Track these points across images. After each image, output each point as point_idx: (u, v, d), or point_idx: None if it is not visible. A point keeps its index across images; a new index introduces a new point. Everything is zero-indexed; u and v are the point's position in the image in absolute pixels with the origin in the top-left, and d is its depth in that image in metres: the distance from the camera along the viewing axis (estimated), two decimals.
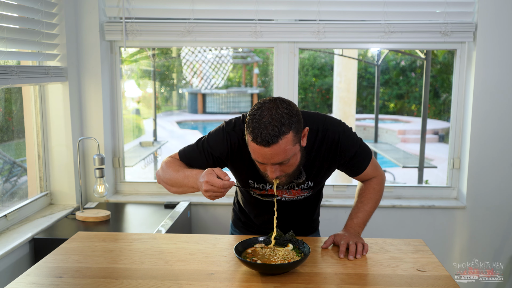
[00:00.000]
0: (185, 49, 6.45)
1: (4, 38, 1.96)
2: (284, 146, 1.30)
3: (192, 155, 1.56)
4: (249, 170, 1.52)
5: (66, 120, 2.42)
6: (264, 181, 1.53)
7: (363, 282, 1.31)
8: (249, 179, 1.56)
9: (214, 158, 1.54)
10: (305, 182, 1.56)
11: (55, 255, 1.50)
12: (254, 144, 1.31)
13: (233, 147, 1.52)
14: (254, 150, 1.33)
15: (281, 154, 1.31)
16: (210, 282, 1.30)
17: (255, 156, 1.35)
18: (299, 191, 1.58)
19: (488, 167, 2.54)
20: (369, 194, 1.63)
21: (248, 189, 1.59)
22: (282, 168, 1.37)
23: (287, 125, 1.30)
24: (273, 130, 1.28)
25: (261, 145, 1.29)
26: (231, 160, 1.54)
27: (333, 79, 6.60)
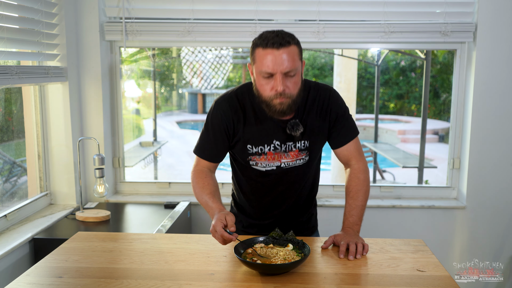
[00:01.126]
0: (185, 49, 6.44)
1: (4, 38, 1.96)
2: (293, 52, 1.42)
3: (206, 149, 1.62)
4: (245, 131, 1.56)
5: (66, 120, 2.42)
6: (263, 143, 1.56)
7: (363, 282, 1.31)
8: (247, 144, 1.57)
9: (221, 134, 1.59)
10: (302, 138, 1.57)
11: (55, 255, 1.50)
12: (265, 51, 1.41)
13: (227, 113, 1.57)
14: (264, 57, 1.41)
15: (290, 60, 1.41)
16: (210, 282, 1.30)
17: (266, 65, 1.41)
18: (296, 152, 1.58)
19: (488, 167, 2.54)
20: (357, 186, 1.61)
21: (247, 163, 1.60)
22: (288, 83, 1.43)
23: (293, 39, 1.45)
24: (283, 38, 1.42)
25: (274, 48, 1.40)
26: (232, 127, 1.57)
27: (333, 79, 6.60)
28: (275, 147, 1.56)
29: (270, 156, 1.57)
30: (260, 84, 1.47)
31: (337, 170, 6.43)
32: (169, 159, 7.97)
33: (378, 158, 6.00)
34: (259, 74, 1.45)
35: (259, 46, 1.43)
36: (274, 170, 1.60)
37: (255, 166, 1.60)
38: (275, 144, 1.56)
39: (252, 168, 1.62)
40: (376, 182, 5.86)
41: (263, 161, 1.58)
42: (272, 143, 1.56)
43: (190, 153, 6.12)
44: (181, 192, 2.74)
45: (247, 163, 1.61)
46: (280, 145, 1.56)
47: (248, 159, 1.60)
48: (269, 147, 1.57)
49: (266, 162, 1.58)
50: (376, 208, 2.61)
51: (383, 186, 2.72)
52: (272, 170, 1.60)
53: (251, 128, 1.56)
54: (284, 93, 1.43)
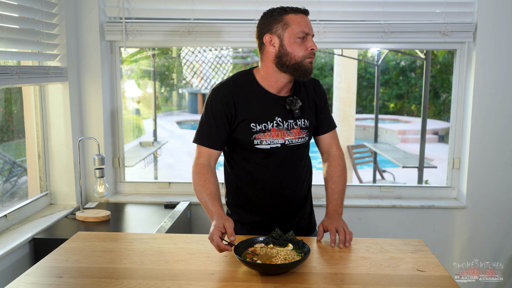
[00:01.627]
0: (185, 49, 6.44)
1: (4, 38, 1.96)
2: None
3: (207, 137, 1.64)
4: (247, 111, 1.61)
5: (66, 120, 2.42)
6: (266, 120, 1.62)
7: (363, 282, 1.31)
8: (251, 122, 1.61)
9: (222, 120, 1.62)
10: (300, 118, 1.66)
11: (55, 255, 1.50)
12: (297, 16, 1.57)
13: (227, 98, 1.62)
14: (300, 22, 1.57)
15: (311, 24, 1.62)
16: (210, 282, 1.30)
17: (301, 27, 1.56)
18: (298, 130, 1.65)
19: (488, 167, 2.54)
20: (338, 172, 1.73)
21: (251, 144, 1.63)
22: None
23: None
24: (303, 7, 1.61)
25: (304, 14, 1.59)
26: (232, 109, 1.62)
27: (333, 79, 6.60)
28: (277, 123, 1.63)
29: (274, 133, 1.62)
30: (293, 47, 1.57)
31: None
32: (169, 159, 7.97)
33: (378, 158, 5.99)
34: (294, 36, 1.56)
35: (289, 13, 1.57)
36: (279, 147, 1.63)
37: (260, 145, 1.62)
38: (277, 121, 1.63)
39: (256, 150, 1.63)
40: (376, 182, 5.86)
41: (268, 138, 1.62)
42: (275, 119, 1.63)
43: (190, 153, 6.16)
44: (181, 192, 2.74)
45: (251, 144, 1.62)
46: (282, 122, 1.63)
47: (253, 138, 1.62)
48: (272, 123, 1.62)
49: (270, 139, 1.62)
50: (376, 208, 2.61)
51: (383, 186, 2.72)
52: (277, 148, 1.63)
53: (253, 106, 1.62)
54: (314, 52, 1.59)
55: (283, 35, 1.57)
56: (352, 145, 6.34)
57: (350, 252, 1.52)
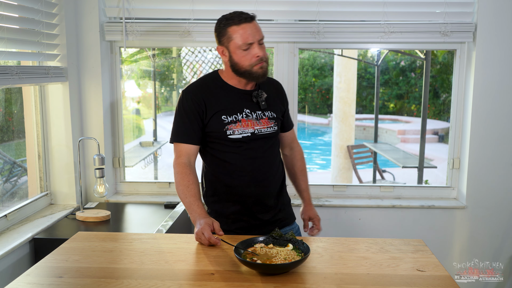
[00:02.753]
0: (185, 49, 6.44)
1: (4, 38, 1.96)
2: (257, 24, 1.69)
3: (183, 133, 1.73)
4: (217, 105, 1.73)
5: (66, 120, 2.42)
6: (235, 112, 1.74)
7: (363, 282, 1.31)
8: (222, 115, 1.72)
9: (194, 116, 1.72)
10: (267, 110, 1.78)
11: (55, 255, 1.50)
12: (240, 25, 1.65)
13: (197, 96, 1.73)
14: (243, 32, 1.64)
15: (260, 30, 1.68)
16: (210, 282, 1.30)
17: (245, 37, 1.64)
18: (266, 120, 1.78)
19: (488, 167, 2.54)
20: (303, 166, 1.98)
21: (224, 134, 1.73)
22: (262, 50, 1.68)
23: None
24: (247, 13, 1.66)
25: (246, 22, 1.64)
26: (202, 105, 1.72)
27: (333, 79, 6.60)
28: (246, 114, 1.75)
29: (244, 123, 1.74)
30: (239, 58, 1.67)
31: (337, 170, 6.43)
32: (169, 159, 7.94)
33: (378, 158, 6.00)
34: (238, 48, 1.66)
35: (232, 25, 1.65)
36: (249, 136, 1.74)
37: (232, 135, 1.73)
38: (246, 112, 1.75)
39: (229, 140, 1.73)
40: (376, 182, 5.86)
41: (239, 128, 1.73)
42: (243, 111, 1.75)
43: None
44: None
45: (224, 135, 1.73)
46: (250, 113, 1.76)
47: (225, 129, 1.72)
48: (241, 114, 1.74)
49: (242, 129, 1.73)
50: (376, 208, 2.61)
51: (383, 186, 2.72)
52: (248, 137, 1.74)
53: (222, 100, 1.74)
54: (264, 58, 1.68)
55: (229, 48, 1.69)
56: (352, 145, 6.35)
57: (350, 252, 1.52)
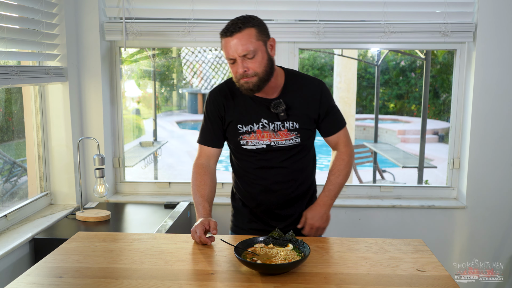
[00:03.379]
0: (185, 49, 6.44)
1: (4, 38, 1.96)
2: (246, 36, 1.54)
3: (207, 135, 1.75)
4: (235, 112, 1.70)
5: (66, 120, 2.42)
6: (251, 122, 1.68)
7: (363, 282, 1.31)
8: (238, 124, 1.69)
9: (215, 120, 1.73)
10: (287, 120, 1.66)
11: (55, 255, 1.50)
12: (223, 39, 1.57)
13: (217, 100, 1.72)
14: (224, 46, 1.57)
15: (243, 42, 1.54)
16: (210, 282, 1.30)
17: (226, 52, 1.57)
18: (286, 132, 1.68)
19: (488, 167, 2.54)
20: (340, 166, 1.76)
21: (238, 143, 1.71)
22: (249, 64, 1.56)
23: (250, 22, 1.57)
24: (236, 24, 1.55)
25: (228, 36, 1.55)
26: (224, 111, 1.71)
27: (333, 79, 6.60)
28: (263, 125, 1.68)
29: (259, 134, 1.68)
30: (230, 69, 1.62)
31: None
32: (169, 159, 7.96)
33: (378, 158, 5.99)
34: (227, 60, 1.61)
35: (221, 35, 1.59)
36: (265, 148, 1.69)
37: (246, 146, 1.70)
38: (263, 123, 1.68)
39: (243, 149, 1.71)
40: (376, 182, 5.86)
41: (253, 139, 1.69)
42: (260, 121, 1.68)
43: (190, 153, 6.17)
44: (181, 192, 2.74)
45: (238, 144, 1.71)
46: (268, 124, 1.68)
47: (239, 139, 1.70)
48: (257, 125, 1.68)
49: (256, 140, 1.69)
50: (376, 208, 2.61)
51: (383, 186, 2.72)
52: (263, 149, 1.69)
53: (240, 108, 1.69)
54: (246, 74, 1.57)
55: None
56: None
57: (350, 252, 1.52)
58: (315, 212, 1.73)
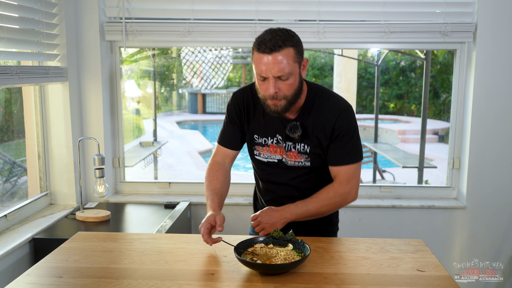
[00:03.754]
0: (185, 49, 6.44)
1: (4, 38, 1.96)
2: (285, 56, 1.44)
3: (225, 136, 1.73)
4: (253, 122, 1.65)
5: (66, 120, 2.42)
6: (267, 135, 1.64)
7: (363, 282, 1.31)
8: (254, 134, 1.66)
9: (235, 123, 1.69)
10: (299, 142, 1.59)
11: (55, 255, 1.50)
12: (258, 54, 1.45)
13: (240, 103, 1.67)
14: (258, 62, 1.45)
15: (281, 65, 1.43)
16: (210, 282, 1.30)
17: (259, 68, 1.45)
18: (296, 153, 1.61)
19: (488, 167, 2.54)
20: (321, 196, 1.58)
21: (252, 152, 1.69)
22: (281, 86, 1.47)
23: (290, 41, 1.45)
24: (276, 42, 1.43)
25: (264, 53, 1.43)
26: (243, 116, 1.67)
27: (333, 79, 6.60)
28: (278, 141, 1.63)
29: (273, 149, 1.64)
30: (258, 84, 1.53)
31: None
32: (169, 159, 7.96)
33: (378, 158, 5.99)
34: (256, 75, 1.50)
35: (254, 48, 1.47)
36: (276, 163, 1.66)
37: (258, 157, 1.68)
38: (278, 138, 1.63)
39: (256, 159, 1.70)
40: (376, 182, 5.86)
41: (265, 152, 1.66)
42: (275, 136, 1.63)
43: (190, 153, 6.19)
44: (181, 192, 2.74)
45: (252, 152, 1.70)
46: (282, 140, 1.62)
47: (253, 148, 1.68)
48: (272, 139, 1.64)
49: (268, 154, 1.66)
50: (376, 208, 2.61)
51: (383, 186, 2.72)
52: (274, 163, 1.66)
53: (258, 119, 1.65)
54: (277, 96, 1.48)
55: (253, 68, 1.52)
56: None
57: (350, 252, 1.52)
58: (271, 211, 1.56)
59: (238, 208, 2.60)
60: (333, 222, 1.78)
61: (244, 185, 2.70)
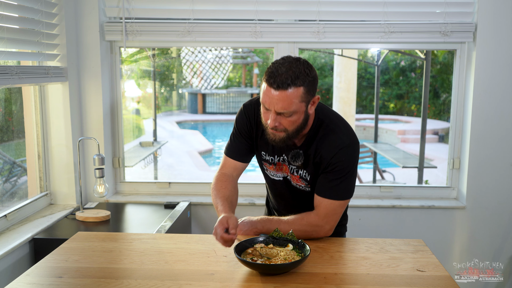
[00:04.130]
0: (185, 49, 6.44)
1: (4, 38, 1.96)
2: (291, 96, 1.39)
3: (233, 148, 1.71)
4: (262, 139, 1.63)
5: (66, 120, 2.42)
6: (274, 153, 1.63)
7: (363, 282, 1.31)
8: (262, 151, 1.66)
9: (245, 136, 1.67)
10: (302, 168, 1.59)
11: (55, 255, 1.50)
12: (266, 84, 1.42)
13: (250, 117, 1.64)
14: (264, 92, 1.43)
15: (285, 103, 1.39)
16: (210, 282, 1.30)
17: (263, 98, 1.44)
18: (297, 178, 1.63)
19: (488, 167, 2.54)
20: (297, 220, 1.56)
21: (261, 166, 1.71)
22: (282, 120, 1.44)
23: (301, 79, 1.39)
24: (286, 79, 1.38)
25: (272, 87, 1.39)
26: (253, 131, 1.65)
27: (333, 79, 6.60)
28: (284, 159, 1.63)
29: (279, 167, 1.65)
30: (261, 109, 1.51)
31: None
32: (169, 159, 7.97)
33: (378, 158, 5.99)
34: (261, 102, 1.47)
35: (265, 76, 1.43)
36: (281, 180, 1.68)
37: (266, 172, 1.71)
38: (284, 158, 1.63)
39: (264, 173, 1.73)
40: (376, 182, 5.86)
41: (272, 170, 1.68)
42: (282, 156, 1.62)
43: (190, 153, 6.19)
44: (181, 192, 2.74)
45: (261, 166, 1.72)
46: (287, 161, 1.63)
47: (262, 163, 1.70)
48: (278, 158, 1.64)
49: (274, 172, 1.68)
50: (376, 208, 2.61)
51: (383, 186, 2.72)
52: (279, 180, 1.68)
53: (267, 138, 1.57)
54: (276, 128, 1.46)
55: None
56: None
57: (350, 252, 1.52)
58: (247, 220, 1.59)
59: (239, 208, 2.59)
60: (341, 224, 1.76)
61: (244, 185, 2.70)
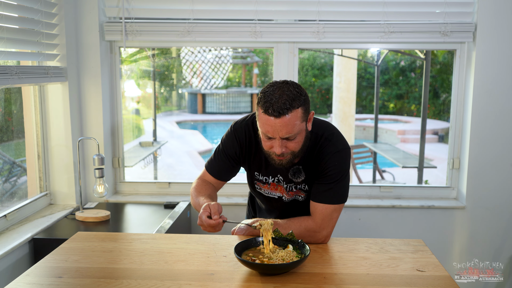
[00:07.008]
0: (185, 49, 6.44)
1: (4, 38, 1.96)
2: (293, 119, 1.39)
3: (214, 166, 1.70)
4: (255, 161, 1.63)
5: (66, 120, 2.42)
6: (268, 174, 1.63)
7: (363, 282, 1.31)
8: (255, 171, 1.66)
9: (230, 158, 1.66)
10: (303, 182, 1.62)
11: (55, 255, 1.50)
12: (265, 116, 1.40)
13: (241, 141, 1.62)
14: (264, 123, 1.41)
15: (289, 127, 1.39)
16: (210, 282, 1.30)
17: (265, 129, 1.42)
18: (297, 191, 1.66)
19: (488, 167, 2.54)
20: (294, 225, 1.55)
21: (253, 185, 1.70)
22: (288, 144, 1.44)
23: (297, 101, 1.40)
24: (284, 104, 1.38)
25: (272, 116, 1.38)
26: (242, 154, 1.64)
27: (333, 79, 6.60)
28: (278, 180, 1.64)
29: (273, 187, 1.66)
30: (262, 139, 1.48)
31: None
32: (168, 159, 7.96)
33: (378, 158, 5.99)
34: (261, 133, 1.46)
35: (260, 108, 1.41)
36: (276, 199, 1.69)
37: (259, 190, 1.71)
38: (279, 178, 1.63)
39: (256, 190, 1.72)
40: (376, 182, 5.86)
41: (266, 189, 1.68)
42: (277, 176, 1.63)
43: (190, 153, 6.19)
44: (181, 192, 2.74)
45: (252, 183, 1.72)
46: (283, 181, 1.63)
47: (254, 182, 1.70)
48: (273, 179, 1.64)
49: (268, 191, 1.68)
50: (376, 208, 2.61)
51: (383, 186, 2.72)
52: (274, 199, 1.69)
53: (260, 157, 1.61)
54: (283, 154, 1.45)
55: (257, 122, 1.47)
56: (352, 145, 6.34)
57: (350, 252, 1.52)
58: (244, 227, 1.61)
59: (238, 208, 2.60)
60: None
61: (244, 185, 2.70)
